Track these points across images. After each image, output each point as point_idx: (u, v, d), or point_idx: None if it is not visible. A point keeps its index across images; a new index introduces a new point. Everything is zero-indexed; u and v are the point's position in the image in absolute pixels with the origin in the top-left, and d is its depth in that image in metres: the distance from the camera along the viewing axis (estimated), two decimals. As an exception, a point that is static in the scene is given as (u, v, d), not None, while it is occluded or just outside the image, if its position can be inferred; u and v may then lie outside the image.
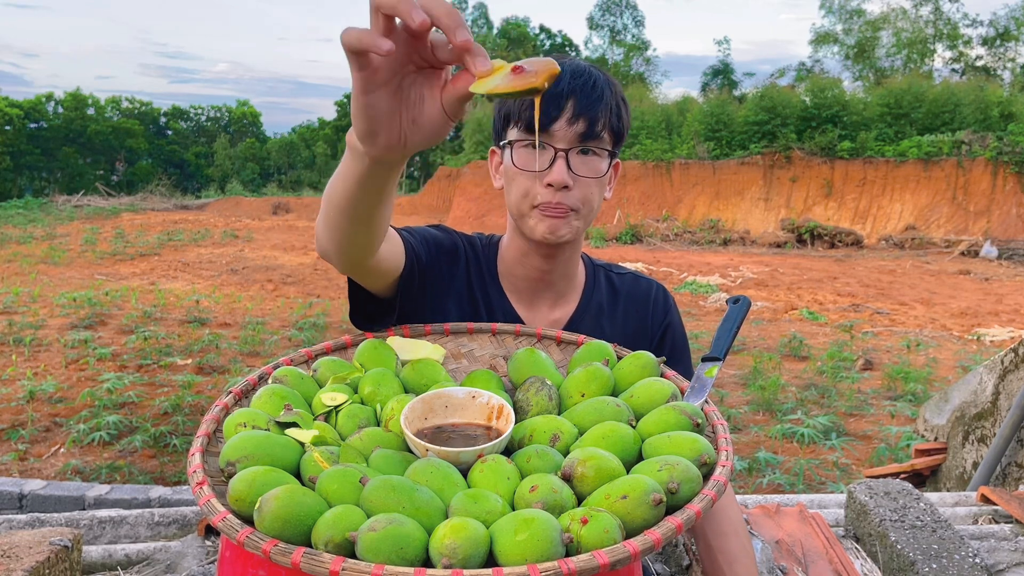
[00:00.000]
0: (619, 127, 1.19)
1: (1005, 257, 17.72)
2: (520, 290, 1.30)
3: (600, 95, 1.15)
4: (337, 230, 0.93)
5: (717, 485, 0.80)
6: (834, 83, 26.38)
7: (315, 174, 52.51)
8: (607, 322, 1.32)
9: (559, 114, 1.13)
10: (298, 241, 19.49)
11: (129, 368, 6.89)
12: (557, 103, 1.13)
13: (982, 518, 2.07)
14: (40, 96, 48.64)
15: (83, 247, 17.12)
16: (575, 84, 1.14)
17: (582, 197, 1.17)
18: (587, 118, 1.13)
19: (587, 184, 1.16)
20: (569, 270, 1.30)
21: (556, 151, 1.14)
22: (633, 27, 49.58)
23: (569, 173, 1.14)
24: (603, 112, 1.15)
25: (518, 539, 0.69)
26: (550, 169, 1.14)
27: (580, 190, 1.16)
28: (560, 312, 1.31)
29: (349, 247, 0.96)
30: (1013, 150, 20.61)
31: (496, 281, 1.30)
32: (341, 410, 0.99)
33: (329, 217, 0.93)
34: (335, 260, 1.00)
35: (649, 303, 1.35)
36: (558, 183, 1.13)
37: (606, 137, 1.16)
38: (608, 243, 20.45)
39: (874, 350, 8.20)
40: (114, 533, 1.75)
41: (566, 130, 1.13)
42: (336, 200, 0.89)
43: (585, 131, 1.13)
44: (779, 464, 4.85)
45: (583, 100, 1.13)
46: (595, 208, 1.21)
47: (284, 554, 0.68)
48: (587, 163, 1.16)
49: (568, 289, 1.32)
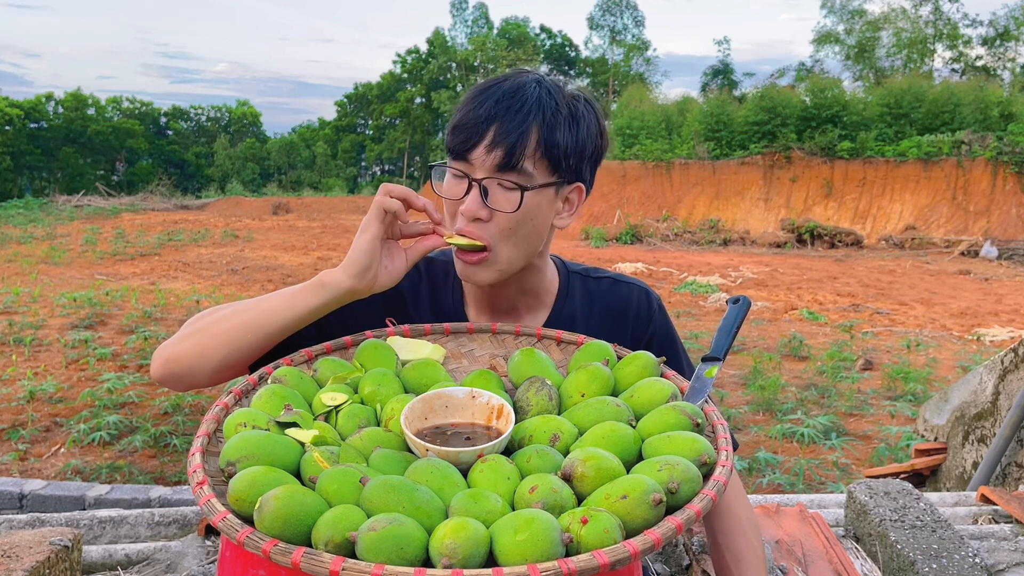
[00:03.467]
0: (555, 153, 1.08)
1: (1005, 257, 17.73)
2: (482, 306, 1.26)
3: (525, 118, 1.05)
4: (234, 352, 1.09)
5: (717, 485, 0.80)
6: (834, 83, 26.41)
7: (315, 174, 52.50)
8: (580, 332, 1.23)
9: (479, 140, 1.06)
10: (298, 241, 19.49)
11: (129, 368, 6.89)
12: (478, 129, 1.06)
13: (982, 518, 2.07)
14: (40, 96, 48.64)
15: (83, 247, 17.12)
16: (499, 108, 1.06)
17: (499, 230, 1.09)
18: (505, 146, 1.05)
19: (503, 217, 1.08)
20: (529, 287, 1.23)
21: (470, 181, 1.08)
22: (633, 27, 49.63)
23: (483, 205, 1.07)
24: (525, 139, 1.05)
25: (518, 539, 0.69)
26: (464, 198, 1.08)
27: (498, 222, 1.08)
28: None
29: (231, 366, 1.11)
30: (1013, 150, 20.63)
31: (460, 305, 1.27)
32: (341, 410, 0.99)
33: (231, 341, 1.08)
34: (201, 377, 1.11)
35: (629, 312, 1.27)
36: (468, 214, 1.08)
37: (529, 167, 1.06)
38: (608, 243, 20.46)
39: (874, 350, 8.20)
40: (114, 533, 1.75)
41: (484, 158, 1.06)
42: (258, 328, 1.08)
43: (501, 161, 1.05)
44: (779, 464, 4.85)
45: (504, 125, 1.05)
46: (520, 247, 1.11)
47: (284, 554, 0.68)
48: (504, 195, 1.07)
49: (535, 304, 1.26)
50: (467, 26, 50.66)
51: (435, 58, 49.26)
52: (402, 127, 51.83)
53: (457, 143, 1.08)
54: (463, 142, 1.08)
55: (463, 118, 1.08)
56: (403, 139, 51.44)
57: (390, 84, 52.57)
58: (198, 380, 1.11)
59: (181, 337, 1.12)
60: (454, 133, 1.09)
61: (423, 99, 50.39)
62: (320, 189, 46.42)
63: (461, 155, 1.09)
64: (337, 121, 58.12)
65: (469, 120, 1.07)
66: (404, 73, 51.85)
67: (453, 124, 1.10)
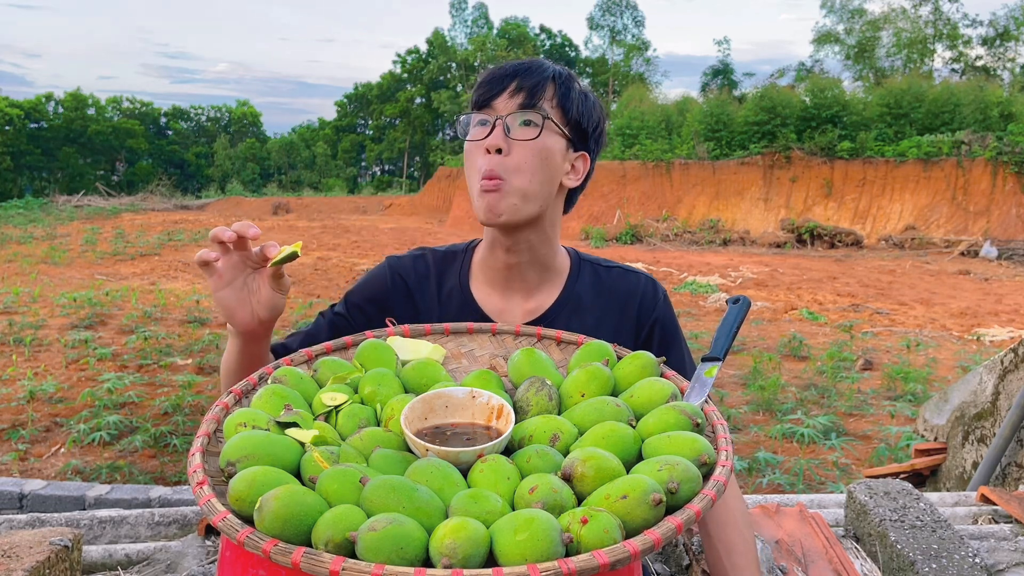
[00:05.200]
0: (570, 106, 1.20)
1: (1005, 257, 17.72)
2: (493, 281, 1.31)
3: (544, 72, 1.19)
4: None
5: (717, 485, 0.80)
6: (834, 83, 26.39)
7: (315, 174, 52.52)
8: (588, 315, 1.30)
9: (501, 90, 1.19)
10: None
11: (129, 368, 6.89)
12: (501, 81, 1.19)
13: (982, 518, 2.07)
14: (40, 96, 48.64)
15: (83, 247, 17.12)
16: (520, 67, 1.20)
17: (516, 164, 1.17)
18: (527, 89, 1.18)
19: (522, 151, 1.17)
20: (539, 259, 1.28)
21: (495, 120, 1.18)
22: (633, 27, 49.59)
23: (505, 138, 1.17)
24: (545, 85, 1.19)
25: (518, 539, 0.69)
26: (486, 140, 1.18)
27: (516, 156, 1.17)
28: (535, 303, 1.30)
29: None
30: (1013, 150, 20.61)
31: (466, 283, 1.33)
32: (341, 410, 0.99)
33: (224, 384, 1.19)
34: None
35: (636, 297, 1.32)
36: (491, 146, 1.16)
37: (547, 108, 1.19)
38: (608, 243, 20.46)
39: (874, 350, 8.20)
40: (114, 533, 1.75)
41: (506, 102, 1.18)
42: (225, 369, 1.19)
43: (523, 101, 1.18)
44: (779, 464, 4.85)
45: (525, 77, 1.19)
46: (536, 181, 1.19)
47: (284, 554, 0.68)
48: (524, 130, 1.18)
49: (543, 280, 1.31)
50: (467, 26, 50.67)
51: (435, 58, 49.25)
52: (402, 127, 51.85)
53: (481, 93, 1.20)
54: (486, 92, 1.20)
55: (487, 76, 1.21)
56: (403, 139, 51.46)
57: (390, 84, 52.58)
58: None
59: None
60: (478, 88, 1.21)
61: (423, 99, 50.40)
62: (320, 189, 46.46)
63: (485, 103, 1.20)
64: (337, 121, 58.14)
65: (493, 76, 1.20)
66: (404, 73, 51.87)
67: (477, 83, 1.22)
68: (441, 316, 1.30)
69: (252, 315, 1.09)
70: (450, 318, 1.28)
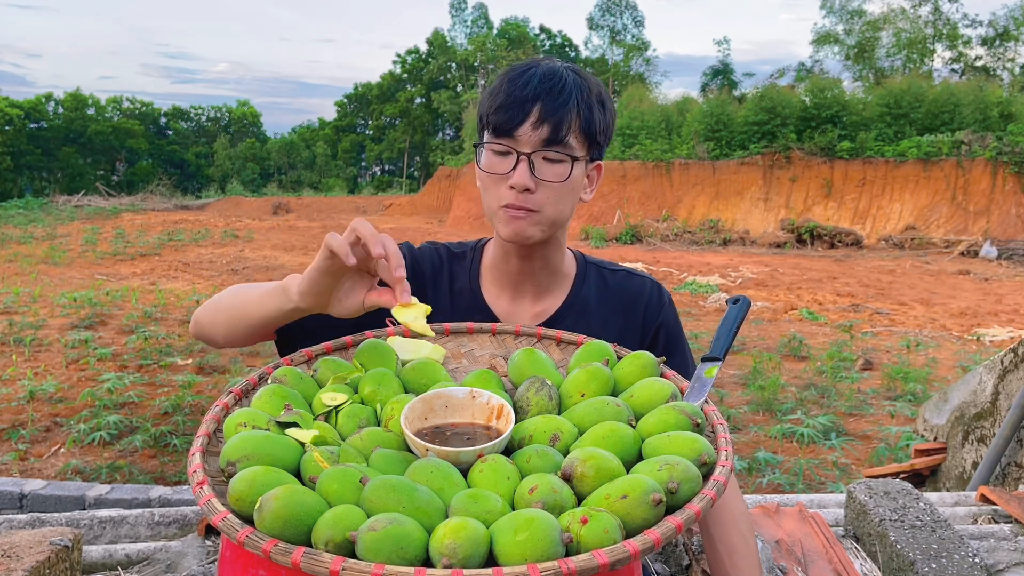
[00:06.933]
0: (592, 130, 1.18)
1: (1005, 257, 17.72)
2: (503, 284, 1.32)
3: (567, 98, 1.15)
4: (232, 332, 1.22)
5: (717, 485, 0.80)
6: (834, 83, 26.37)
7: (315, 174, 52.51)
8: (594, 318, 1.31)
9: (524, 118, 1.14)
10: (298, 241, 19.49)
11: (129, 368, 6.89)
12: (523, 107, 1.14)
13: (982, 518, 2.07)
14: (40, 96, 48.64)
15: (83, 247, 17.12)
16: (541, 88, 1.14)
17: (545, 200, 1.17)
18: (552, 123, 1.13)
19: (549, 188, 1.16)
20: (551, 264, 1.30)
21: (519, 155, 1.15)
22: (633, 27, 49.53)
23: (532, 177, 1.15)
24: (569, 116, 1.15)
25: (518, 539, 0.69)
26: (513, 172, 1.15)
27: (543, 193, 1.16)
28: (543, 305, 1.31)
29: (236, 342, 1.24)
30: (1013, 150, 20.60)
31: (476, 284, 1.33)
32: (341, 410, 0.99)
33: (228, 321, 1.21)
34: (218, 343, 1.27)
35: (642, 300, 1.34)
36: (519, 186, 1.14)
37: (572, 142, 1.16)
38: (608, 243, 20.46)
39: (874, 350, 8.20)
40: (114, 533, 1.75)
41: (530, 134, 1.14)
42: (243, 316, 1.18)
43: (549, 136, 1.14)
44: (779, 464, 4.85)
45: (548, 104, 1.14)
46: (563, 210, 1.20)
47: (284, 554, 0.68)
48: (551, 168, 1.16)
49: (553, 283, 1.32)
50: (467, 26, 50.62)
51: (435, 58, 49.25)
52: (402, 127, 51.85)
53: (502, 121, 1.15)
54: (508, 120, 1.14)
55: (506, 99, 1.15)
56: (403, 139, 51.45)
57: (390, 84, 52.58)
58: (215, 345, 1.29)
59: (206, 304, 1.27)
60: (498, 112, 1.15)
61: (423, 99, 50.40)
62: (320, 189, 46.44)
63: (506, 132, 1.15)
64: (337, 121, 58.13)
65: (513, 100, 1.14)
66: (404, 73, 51.87)
67: (496, 105, 1.16)
68: (451, 314, 1.30)
69: (326, 304, 1.07)
70: (459, 317, 1.28)
